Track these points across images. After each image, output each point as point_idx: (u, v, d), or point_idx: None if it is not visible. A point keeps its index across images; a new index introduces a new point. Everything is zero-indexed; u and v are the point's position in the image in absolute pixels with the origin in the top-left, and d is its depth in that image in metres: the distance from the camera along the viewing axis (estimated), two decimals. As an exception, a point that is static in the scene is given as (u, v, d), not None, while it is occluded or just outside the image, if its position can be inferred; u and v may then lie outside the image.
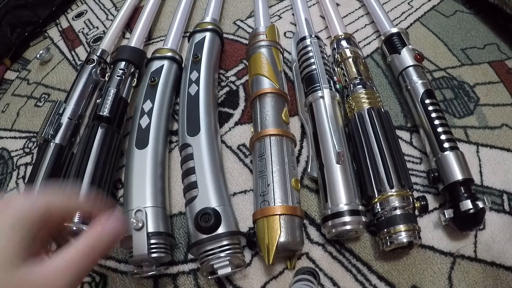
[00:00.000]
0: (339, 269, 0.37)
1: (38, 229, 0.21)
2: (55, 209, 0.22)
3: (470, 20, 0.59)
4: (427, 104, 0.43)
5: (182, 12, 0.62)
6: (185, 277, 0.39)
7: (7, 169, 0.53)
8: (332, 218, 0.36)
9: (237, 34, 0.62)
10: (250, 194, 0.43)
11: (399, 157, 0.38)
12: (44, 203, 0.22)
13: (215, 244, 0.34)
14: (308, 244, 0.39)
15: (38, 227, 0.21)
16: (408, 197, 0.36)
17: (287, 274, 0.37)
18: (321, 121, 0.42)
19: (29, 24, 0.72)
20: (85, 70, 0.53)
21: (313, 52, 0.49)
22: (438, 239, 0.38)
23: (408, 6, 0.62)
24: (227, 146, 0.48)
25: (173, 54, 0.53)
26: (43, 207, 0.22)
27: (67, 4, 0.79)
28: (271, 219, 0.35)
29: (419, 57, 0.47)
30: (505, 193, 0.40)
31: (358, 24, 0.61)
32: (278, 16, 0.65)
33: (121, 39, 0.66)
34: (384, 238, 0.35)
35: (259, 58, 0.49)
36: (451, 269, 0.36)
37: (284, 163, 0.39)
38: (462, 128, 0.46)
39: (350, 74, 0.47)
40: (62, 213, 0.23)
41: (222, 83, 0.55)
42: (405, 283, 0.36)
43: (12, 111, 0.61)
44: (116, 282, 0.39)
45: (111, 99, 0.47)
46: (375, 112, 0.42)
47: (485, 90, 0.49)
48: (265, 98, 0.45)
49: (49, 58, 0.68)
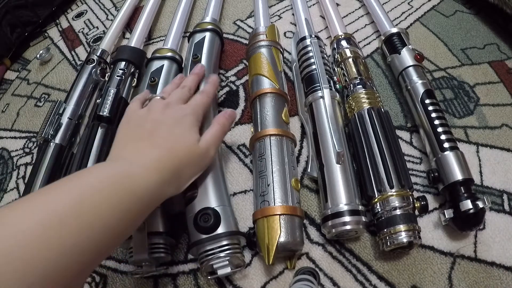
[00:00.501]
0: (339, 269, 0.37)
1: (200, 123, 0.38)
2: (206, 112, 0.40)
3: (470, 20, 0.59)
4: (427, 104, 0.43)
5: (182, 12, 0.62)
6: (185, 277, 0.39)
7: (7, 169, 0.53)
8: (332, 218, 0.36)
9: (237, 34, 0.62)
10: (250, 194, 0.43)
11: (399, 157, 0.38)
12: (203, 112, 0.39)
13: (215, 244, 0.34)
14: (308, 244, 0.39)
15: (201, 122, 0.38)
16: (408, 197, 0.36)
17: (287, 274, 0.37)
18: (321, 121, 0.42)
19: (29, 24, 0.72)
20: (85, 70, 0.53)
21: (313, 52, 0.49)
22: (438, 239, 0.38)
23: (408, 6, 0.62)
24: (227, 146, 0.48)
25: (173, 54, 0.53)
26: (204, 112, 0.39)
27: (67, 4, 0.79)
28: (271, 219, 0.35)
29: (419, 57, 0.47)
30: (505, 193, 0.40)
31: (358, 24, 0.61)
32: (278, 16, 0.65)
33: (121, 39, 0.66)
34: (384, 238, 0.35)
35: (259, 58, 0.49)
36: (451, 269, 0.36)
37: (284, 163, 0.39)
38: (462, 128, 0.46)
39: (350, 74, 0.47)
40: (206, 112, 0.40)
41: (222, 83, 0.55)
42: (405, 283, 0.36)
43: (12, 111, 0.61)
44: (116, 282, 0.39)
45: (111, 99, 0.47)
46: (375, 112, 0.42)
47: (485, 90, 0.49)
48: (265, 98, 0.45)
49: (49, 58, 0.68)
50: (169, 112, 0.36)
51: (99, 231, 0.24)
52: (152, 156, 0.31)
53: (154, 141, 0.33)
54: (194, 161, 0.34)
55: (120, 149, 0.33)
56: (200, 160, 0.35)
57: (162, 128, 0.34)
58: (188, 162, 0.33)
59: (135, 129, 0.35)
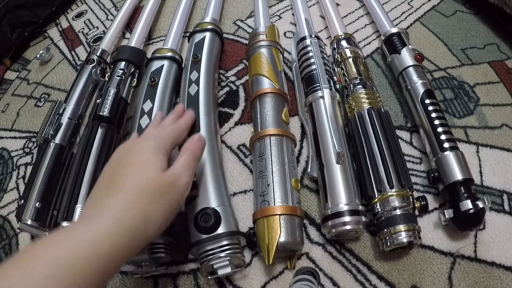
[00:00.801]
0: (339, 269, 0.37)
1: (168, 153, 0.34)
2: (175, 141, 0.36)
3: (470, 20, 0.59)
4: (427, 104, 0.43)
5: (182, 12, 0.62)
6: (185, 277, 0.39)
7: (7, 169, 0.53)
8: (332, 218, 0.36)
9: (237, 34, 0.62)
10: (250, 194, 0.43)
11: (399, 157, 0.38)
12: (172, 141, 0.36)
13: (215, 244, 0.34)
14: (308, 244, 0.39)
15: (169, 151, 0.35)
16: (408, 197, 0.36)
17: (287, 274, 0.37)
18: (321, 121, 0.42)
19: (29, 24, 0.72)
20: (85, 70, 0.53)
21: (313, 52, 0.49)
22: (438, 239, 0.38)
23: (408, 6, 0.62)
24: (227, 146, 0.48)
25: (173, 54, 0.53)
26: (173, 141, 0.36)
27: (67, 4, 0.79)
28: (271, 219, 0.35)
29: (419, 57, 0.47)
30: (505, 193, 0.40)
31: (358, 24, 0.61)
32: (278, 16, 0.65)
33: (121, 39, 0.66)
34: (384, 238, 0.35)
35: (259, 58, 0.49)
36: (451, 269, 0.36)
37: (284, 163, 0.39)
38: (462, 128, 0.46)
39: (350, 74, 0.47)
40: (176, 143, 0.37)
41: (222, 83, 0.55)
42: (405, 283, 0.36)
43: (12, 111, 0.61)
44: (116, 282, 0.39)
45: (111, 99, 0.47)
46: (375, 112, 0.42)
47: (485, 90, 0.49)
48: (265, 98, 0.45)
49: (49, 58, 0.68)
50: (132, 148, 0.33)
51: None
52: (110, 208, 0.28)
53: (112, 185, 0.30)
54: (162, 193, 0.30)
55: (88, 204, 0.31)
56: (169, 189, 0.31)
57: (122, 164, 0.32)
58: (154, 195, 0.30)
59: (102, 175, 0.33)
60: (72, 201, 0.39)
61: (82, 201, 0.39)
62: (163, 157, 0.33)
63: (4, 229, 0.47)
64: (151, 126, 0.40)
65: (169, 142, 0.35)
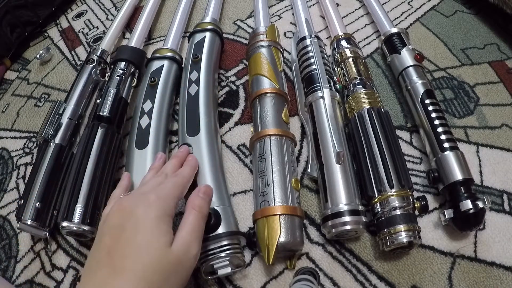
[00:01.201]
0: (339, 269, 0.37)
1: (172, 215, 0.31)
2: (178, 198, 0.33)
3: (470, 20, 0.59)
4: (427, 104, 0.43)
5: (182, 12, 0.62)
6: (185, 277, 0.39)
7: (7, 169, 0.53)
8: (332, 218, 0.36)
9: (237, 34, 0.62)
10: (250, 194, 0.43)
11: (399, 157, 0.38)
12: (175, 201, 0.32)
13: (215, 244, 0.34)
14: (308, 244, 0.39)
15: (173, 214, 0.32)
16: (408, 197, 0.36)
17: (287, 274, 0.37)
18: (321, 121, 0.42)
19: (29, 24, 0.72)
20: (85, 70, 0.53)
21: (313, 52, 0.49)
22: (438, 239, 0.38)
23: (408, 6, 0.62)
24: (227, 146, 0.48)
25: (173, 54, 0.53)
26: (176, 200, 0.33)
27: (67, 4, 0.79)
28: (271, 219, 0.35)
29: (419, 57, 0.47)
30: (505, 193, 0.40)
31: (358, 24, 0.61)
32: (278, 16, 0.65)
33: (121, 39, 0.66)
34: (384, 238, 0.35)
35: (259, 58, 0.49)
36: (451, 269, 0.36)
37: (284, 163, 0.39)
38: (462, 128, 0.46)
39: (350, 74, 0.47)
40: (179, 198, 0.34)
41: (222, 83, 0.55)
42: (405, 283, 0.36)
43: (12, 111, 0.61)
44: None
45: (111, 99, 0.47)
46: (375, 112, 0.42)
47: (485, 90, 0.49)
48: (265, 98, 0.45)
49: (49, 58, 0.68)
50: (131, 212, 0.30)
51: None
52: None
53: (114, 265, 0.27)
54: (169, 273, 0.28)
55: (87, 279, 0.29)
56: (177, 268, 0.28)
57: (121, 239, 0.28)
58: (161, 278, 0.27)
59: (96, 247, 0.30)
60: (72, 201, 0.39)
61: (82, 201, 0.39)
62: (168, 225, 0.30)
63: (4, 229, 0.47)
64: (152, 172, 0.37)
65: (172, 204, 0.32)
